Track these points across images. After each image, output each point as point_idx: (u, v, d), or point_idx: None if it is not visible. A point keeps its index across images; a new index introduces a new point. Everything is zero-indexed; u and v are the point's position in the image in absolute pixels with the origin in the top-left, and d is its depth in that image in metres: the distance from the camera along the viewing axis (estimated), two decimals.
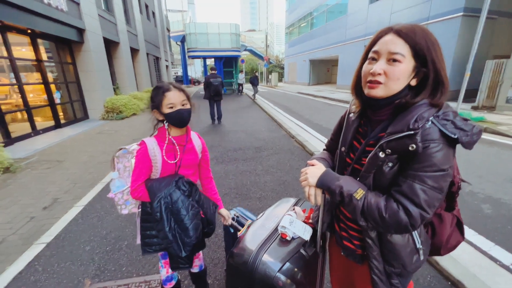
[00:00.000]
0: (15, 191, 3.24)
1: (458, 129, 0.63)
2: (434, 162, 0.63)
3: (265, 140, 5.58)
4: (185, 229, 1.08)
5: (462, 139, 0.62)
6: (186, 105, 1.15)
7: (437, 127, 0.64)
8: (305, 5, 24.52)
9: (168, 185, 1.10)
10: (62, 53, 7.59)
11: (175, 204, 1.07)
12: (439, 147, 0.63)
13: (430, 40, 0.66)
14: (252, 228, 1.11)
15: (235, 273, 0.98)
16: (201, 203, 1.22)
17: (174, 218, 1.08)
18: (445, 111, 0.67)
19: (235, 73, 20.60)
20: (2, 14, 4.89)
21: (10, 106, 5.90)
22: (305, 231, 1.02)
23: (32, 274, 1.88)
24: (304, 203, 1.27)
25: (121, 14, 11.25)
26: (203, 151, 1.34)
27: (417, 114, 0.66)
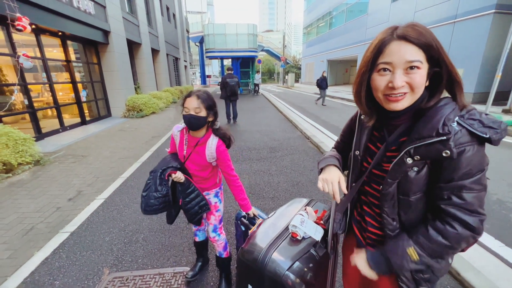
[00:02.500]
0: (44, 183, 3.47)
1: (487, 128, 0.61)
2: (474, 165, 0.62)
3: (279, 140, 5.56)
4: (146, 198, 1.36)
5: (493, 137, 0.60)
6: (199, 113, 1.29)
7: (465, 128, 0.61)
8: (324, 4, 24.13)
9: (159, 169, 1.37)
10: (88, 53, 8.03)
11: (149, 182, 1.38)
12: (474, 149, 0.61)
13: (435, 39, 0.64)
14: (263, 226, 1.12)
15: (245, 270, 0.99)
16: (188, 197, 1.44)
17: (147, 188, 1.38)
18: (469, 109, 0.65)
19: (251, 73, 20.71)
20: (37, 18, 5.26)
21: (42, 103, 6.33)
22: (316, 231, 1.01)
23: (57, 260, 2.01)
24: (316, 204, 1.25)
25: (144, 16, 11.68)
26: (218, 159, 1.43)
27: (444, 117, 0.63)
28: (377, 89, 0.69)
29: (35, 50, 5.90)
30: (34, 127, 5.61)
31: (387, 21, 14.47)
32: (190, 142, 1.40)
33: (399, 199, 0.73)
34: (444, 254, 0.71)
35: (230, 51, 18.82)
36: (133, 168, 4.01)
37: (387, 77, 0.66)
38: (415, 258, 0.70)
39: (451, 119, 0.62)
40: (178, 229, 2.40)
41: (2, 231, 2.40)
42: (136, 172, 3.85)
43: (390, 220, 0.77)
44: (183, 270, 1.92)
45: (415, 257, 0.70)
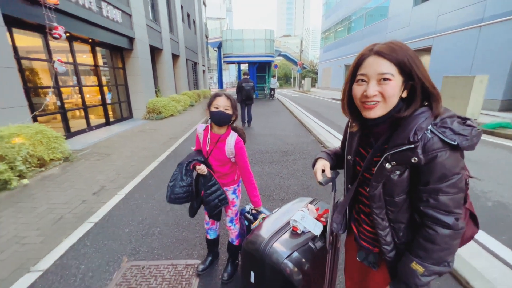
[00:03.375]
0: (72, 177, 3.78)
1: (457, 135, 0.66)
2: (448, 170, 0.67)
3: (292, 144, 5.61)
4: (172, 187, 1.56)
5: (462, 144, 0.65)
6: (228, 111, 1.47)
7: (437, 136, 0.67)
8: (342, 9, 23.94)
9: (185, 161, 1.56)
10: (114, 59, 8.57)
11: (175, 173, 1.58)
12: (446, 154, 0.67)
13: (409, 55, 0.70)
14: (267, 220, 1.21)
15: (249, 258, 1.08)
16: (209, 189, 1.58)
17: (174, 179, 1.57)
18: (442, 117, 0.70)
19: (267, 78, 20.89)
20: (70, 26, 5.74)
21: (71, 105, 6.83)
22: (315, 226, 1.09)
23: (82, 247, 2.21)
24: (319, 203, 1.33)
25: (166, 23, 12.26)
26: (236, 154, 1.57)
27: (416, 126, 0.69)
28: (355, 97, 0.78)
29: (68, 55, 6.42)
30: (64, 126, 6.08)
31: (407, 25, 14.11)
32: (212, 139, 1.55)
33: (385, 200, 0.80)
34: (444, 257, 0.74)
35: (247, 56, 19.15)
36: (151, 167, 4.24)
37: (363, 87, 0.74)
38: (420, 271, 0.74)
39: (423, 127, 0.68)
40: (191, 225, 2.53)
41: (36, 219, 2.66)
42: (154, 170, 4.07)
43: (379, 219, 0.83)
44: (194, 262, 2.04)
45: (420, 269, 0.74)
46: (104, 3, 7.05)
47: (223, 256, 2.06)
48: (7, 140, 3.50)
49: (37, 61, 5.59)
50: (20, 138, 3.71)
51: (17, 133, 3.71)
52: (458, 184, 0.69)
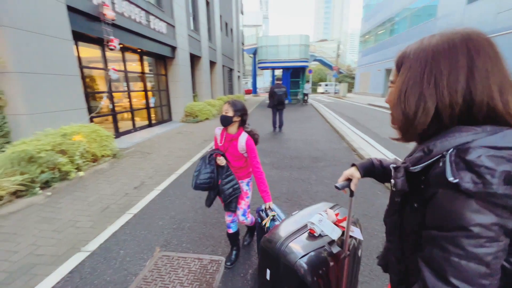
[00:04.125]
0: (118, 172, 4.23)
1: (470, 172, 0.45)
2: (446, 218, 0.47)
3: (323, 151, 5.49)
4: (196, 176, 1.80)
5: (464, 186, 0.45)
6: (227, 113, 1.76)
7: (445, 165, 0.48)
8: (384, 11, 22.73)
9: (208, 154, 1.84)
10: (158, 66, 9.37)
11: (200, 163, 1.83)
12: (447, 195, 0.48)
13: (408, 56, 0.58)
14: (286, 221, 1.25)
15: (265, 256, 1.13)
16: (225, 178, 1.81)
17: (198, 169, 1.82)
18: (478, 144, 0.47)
19: (301, 83, 20.71)
20: (123, 38, 6.47)
21: (121, 108, 7.64)
22: (333, 231, 1.09)
23: (122, 235, 2.48)
24: (340, 209, 1.31)
25: (205, 32, 13.02)
26: (247, 151, 1.84)
27: (433, 142, 0.53)
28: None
29: (120, 64, 7.23)
30: (114, 127, 6.82)
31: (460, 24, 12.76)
32: (227, 138, 1.85)
33: (399, 234, 0.66)
34: None
35: (281, 62, 19.27)
36: (185, 166, 4.53)
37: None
38: None
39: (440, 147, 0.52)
40: (218, 223, 2.66)
41: (87, 207, 3.05)
42: (188, 170, 4.34)
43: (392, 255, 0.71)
44: (218, 259, 2.13)
45: None
46: (152, 17, 7.81)
47: (243, 253, 2.12)
48: (69, 137, 4.08)
49: (95, 69, 6.41)
50: (79, 136, 4.28)
51: (77, 131, 4.29)
52: (464, 246, 0.45)
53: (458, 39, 0.53)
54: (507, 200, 0.43)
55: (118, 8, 6.20)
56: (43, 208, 3.00)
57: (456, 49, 0.52)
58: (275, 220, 1.71)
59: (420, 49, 0.57)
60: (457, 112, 0.52)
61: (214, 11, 14.90)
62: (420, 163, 0.54)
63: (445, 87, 0.52)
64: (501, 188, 0.43)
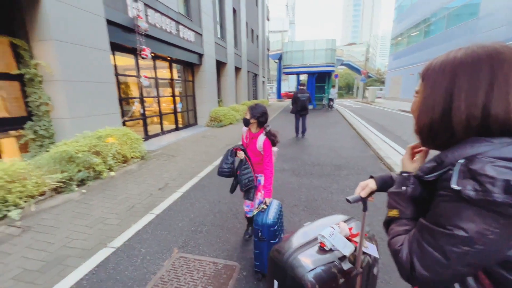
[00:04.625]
0: (145, 174, 4.48)
1: (474, 181, 0.47)
2: (435, 213, 0.54)
3: (347, 158, 5.29)
4: (221, 164, 2.15)
5: (466, 193, 0.47)
6: (246, 116, 2.14)
7: (451, 173, 0.52)
8: (418, 11, 21.49)
9: (231, 148, 2.14)
10: (186, 73, 9.82)
11: (224, 154, 2.17)
12: (450, 199, 0.51)
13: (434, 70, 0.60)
14: (297, 232, 1.22)
15: (273, 266, 1.12)
16: (243, 170, 2.10)
17: (222, 159, 2.17)
18: (488, 155, 0.49)
19: (327, 88, 20.28)
20: (155, 48, 6.90)
21: (151, 112, 8.11)
22: (345, 246, 1.04)
23: (144, 234, 2.61)
24: (355, 223, 1.26)
25: (231, 39, 13.38)
26: (263, 149, 2.12)
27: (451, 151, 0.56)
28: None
29: (151, 71, 7.70)
30: (144, 130, 7.26)
31: (505, 24, 11.66)
32: (250, 136, 2.21)
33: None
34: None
35: (306, 67, 19.09)
36: (207, 170, 4.65)
37: None
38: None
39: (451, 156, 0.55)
40: (234, 228, 2.68)
41: (116, 205, 3.26)
42: (209, 173, 4.45)
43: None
44: (233, 264, 2.15)
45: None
46: (181, 26, 8.24)
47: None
48: (103, 140, 4.42)
49: (129, 76, 6.90)
50: (112, 138, 4.63)
51: (110, 134, 4.64)
52: (438, 239, 0.51)
53: (483, 53, 0.53)
54: (507, 208, 0.45)
55: (151, 19, 6.65)
56: (78, 204, 3.27)
57: (479, 63, 0.53)
58: (263, 213, 1.91)
59: (445, 63, 0.58)
60: (474, 125, 0.54)
61: (241, 18, 15.28)
62: (433, 173, 0.57)
63: (462, 101, 0.54)
64: (501, 197, 0.44)
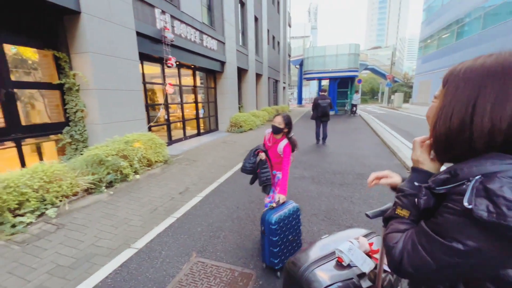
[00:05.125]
0: (167, 177, 4.65)
1: (488, 201, 0.44)
2: (437, 221, 0.52)
3: (370, 167, 5.07)
4: (244, 163, 2.45)
5: (478, 214, 0.44)
6: (280, 125, 2.34)
7: (467, 188, 0.48)
8: (450, 12, 20.32)
9: (254, 149, 2.45)
10: (208, 80, 10.12)
11: (248, 153, 2.48)
12: (454, 211, 0.49)
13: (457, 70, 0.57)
14: (314, 245, 1.19)
15: (288, 279, 1.09)
16: (263, 169, 2.37)
17: (245, 158, 2.47)
18: (502, 173, 0.46)
19: (349, 93, 19.75)
20: (179, 57, 7.22)
21: (175, 118, 8.45)
22: (364, 262, 1.00)
23: (165, 236, 2.69)
24: (376, 237, 1.20)
25: (253, 46, 13.60)
26: (283, 153, 2.35)
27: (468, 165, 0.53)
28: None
29: (176, 79, 8.06)
30: (168, 135, 7.57)
31: None
32: (273, 140, 2.46)
33: None
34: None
35: (328, 72, 18.78)
36: (226, 175, 4.72)
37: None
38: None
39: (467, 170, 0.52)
40: (252, 235, 2.67)
41: (139, 207, 3.42)
42: (228, 179, 4.51)
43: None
44: (249, 272, 2.14)
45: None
46: (205, 36, 8.55)
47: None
48: (130, 144, 4.68)
49: (155, 84, 7.27)
50: (138, 143, 4.88)
51: (137, 139, 4.90)
52: (433, 245, 0.51)
53: (506, 58, 0.49)
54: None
55: (177, 30, 6.99)
56: (106, 205, 3.48)
57: (510, 73, 0.49)
58: (271, 210, 2.07)
59: (470, 69, 0.54)
60: (499, 140, 0.50)
61: (262, 26, 15.51)
62: (445, 185, 0.54)
63: (487, 113, 0.50)
64: None
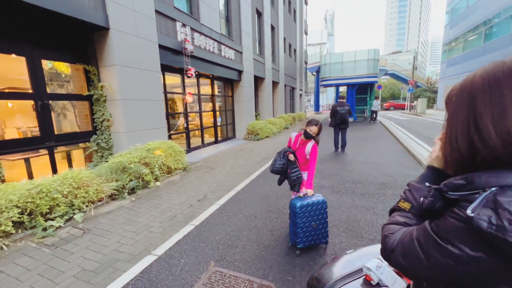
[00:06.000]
0: (186, 184, 4.73)
1: (494, 213, 0.43)
2: (440, 223, 0.51)
3: (393, 176, 4.84)
4: (273, 164, 2.73)
5: (477, 223, 0.43)
6: (313, 133, 2.61)
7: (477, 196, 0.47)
8: (477, 13, 19.37)
9: (282, 151, 2.73)
10: (226, 89, 10.32)
11: (276, 157, 2.76)
12: (458, 216, 0.48)
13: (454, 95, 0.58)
14: (339, 261, 1.14)
15: None
16: (292, 169, 2.63)
17: (275, 160, 2.75)
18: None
19: (369, 99, 19.22)
20: (199, 67, 7.45)
21: (193, 126, 8.66)
22: (395, 282, 0.93)
23: (184, 244, 2.71)
24: None
25: (269, 55, 13.74)
26: (310, 154, 2.62)
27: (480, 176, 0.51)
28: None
29: (195, 88, 8.30)
30: (187, 143, 7.76)
31: None
32: (301, 142, 2.68)
33: None
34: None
35: (345, 78, 18.47)
36: (244, 183, 4.71)
37: None
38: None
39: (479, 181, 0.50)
40: (271, 246, 2.62)
41: (159, 214, 3.49)
42: (246, 187, 4.50)
43: None
44: (268, 284, 2.09)
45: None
46: (223, 46, 8.78)
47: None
48: (152, 152, 4.84)
49: (175, 94, 7.54)
50: (159, 151, 5.04)
51: (158, 147, 5.06)
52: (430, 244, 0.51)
53: (500, 72, 0.49)
54: (510, 249, 0.41)
55: (196, 42, 7.25)
56: (128, 211, 3.59)
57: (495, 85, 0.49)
58: (299, 198, 2.41)
59: (461, 90, 0.55)
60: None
61: (279, 34, 15.67)
62: (459, 191, 0.52)
63: (491, 130, 0.48)
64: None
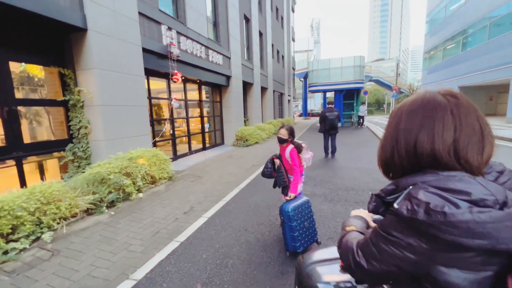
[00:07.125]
0: (172, 195, 4.44)
1: (409, 202, 0.56)
2: (383, 221, 0.64)
3: (384, 182, 4.70)
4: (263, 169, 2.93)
5: (399, 211, 0.57)
6: (284, 136, 2.70)
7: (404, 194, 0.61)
8: (454, 24, 20.36)
9: (270, 157, 2.93)
10: (214, 94, 10.10)
11: (267, 161, 2.93)
12: (392, 212, 0.60)
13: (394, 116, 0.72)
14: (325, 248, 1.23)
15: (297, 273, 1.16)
16: (278, 173, 2.79)
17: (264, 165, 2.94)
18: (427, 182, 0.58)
19: (356, 105, 19.59)
20: (185, 72, 7.21)
21: (180, 132, 8.35)
22: None
23: (167, 265, 2.45)
24: None
25: (258, 60, 13.70)
26: (290, 157, 2.69)
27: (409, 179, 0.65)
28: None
29: (181, 93, 8.03)
30: (173, 150, 7.43)
31: None
32: (281, 148, 2.81)
33: None
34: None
35: (333, 84, 18.77)
36: (233, 193, 4.48)
37: None
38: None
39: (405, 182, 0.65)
40: (263, 264, 2.41)
41: (141, 230, 3.19)
42: (235, 197, 4.27)
43: None
44: None
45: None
46: (211, 51, 8.61)
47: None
48: (134, 161, 4.52)
49: (161, 99, 7.24)
50: (142, 159, 4.73)
51: (141, 155, 4.75)
52: (378, 238, 0.62)
53: (419, 100, 0.66)
54: (427, 227, 0.52)
55: (183, 46, 7.03)
56: (106, 227, 3.26)
57: (414, 109, 0.66)
58: (287, 202, 2.49)
59: (397, 108, 0.71)
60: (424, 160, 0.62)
61: (267, 41, 15.73)
62: (392, 195, 0.65)
63: (402, 143, 0.66)
64: (422, 216, 0.52)
